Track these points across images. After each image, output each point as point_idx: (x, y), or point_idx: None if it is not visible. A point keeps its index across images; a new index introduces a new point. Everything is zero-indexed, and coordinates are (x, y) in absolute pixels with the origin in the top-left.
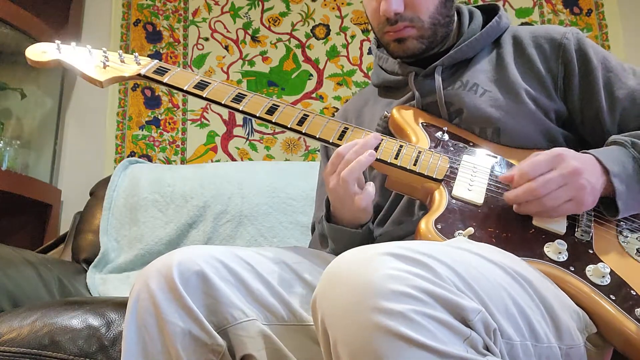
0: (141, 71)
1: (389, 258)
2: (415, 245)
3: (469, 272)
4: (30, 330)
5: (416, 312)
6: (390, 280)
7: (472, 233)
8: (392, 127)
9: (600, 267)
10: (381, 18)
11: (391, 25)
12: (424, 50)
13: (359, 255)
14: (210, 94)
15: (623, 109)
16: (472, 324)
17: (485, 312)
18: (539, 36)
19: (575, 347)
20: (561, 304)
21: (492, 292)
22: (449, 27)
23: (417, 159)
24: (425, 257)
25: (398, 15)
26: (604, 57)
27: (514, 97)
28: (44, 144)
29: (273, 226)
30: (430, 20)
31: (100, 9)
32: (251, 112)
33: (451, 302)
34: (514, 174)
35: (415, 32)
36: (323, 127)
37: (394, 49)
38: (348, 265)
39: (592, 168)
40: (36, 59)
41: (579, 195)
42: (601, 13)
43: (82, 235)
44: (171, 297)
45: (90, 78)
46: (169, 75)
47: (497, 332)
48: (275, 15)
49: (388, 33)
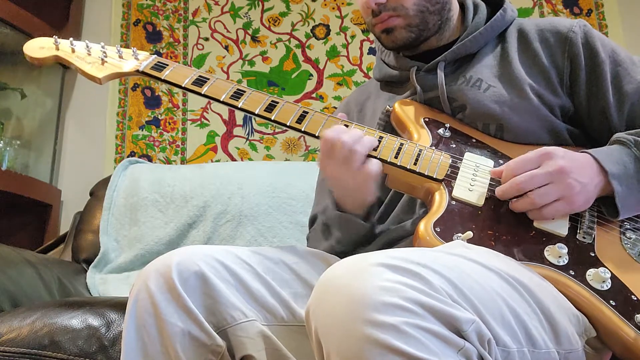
0: (139, 67)
1: (382, 269)
2: (409, 254)
3: (464, 280)
4: (30, 330)
5: (408, 324)
6: (383, 292)
7: (471, 237)
8: (394, 121)
9: (601, 272)
10: (368, 11)
11: (375, 16)
12: (415, 39)
13: (352, 266)
14: (209, 90)
15: (631, 104)
16: (466, 334)
17: (479, 322)
18: (544, 29)
19: (574, 352)
20: (560, 308)
21: (488, 300)
22: (441, 15)
23: (417, 158)
24: (418, 267)
25: (381, 5)
26: (612, 50)
27: (518, 92)
28: (44, 144)
29: (273, 226)
30: (416, 8)
31: (100, 9)
32: (250, 109)
33: (444, 313)
34: (503, 169)
35: (401, 21)
36: (322, 124)
37: (384, 40)
38: (341, 276)
39: (584, 168)
40: (34, 55)
41: (567, 194)
42: (601, 13)
43: (82, 235)
44: (170, 298)
45: (88, 75)
46: (167, 71)
47: (492, 341)
48: (275, 15)
49: (376, 25)
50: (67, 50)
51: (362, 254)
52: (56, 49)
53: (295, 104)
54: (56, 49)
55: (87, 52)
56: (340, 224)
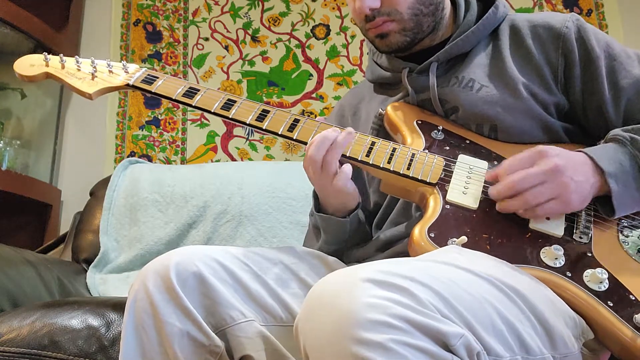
0: (129, 81)
1: (369, 285)
2: (397, 268)
3: (453, 291)
4: (30, 330)
5: (395, 341)
6: (370, 309)
7: (465, 242)
8: (387, 125)
9: (598, 273)
10: (361, 16)
11: (369, 21)
12: (409, 42)
13: (340, 281)
14: (200, 101)
15: (628, 99)
16: (454, 348)
17: (468, 335)
18: (537, 25)
19: (570, 355)
20: (555, 311)
21: (478, 309)
22: (435, 16)
23: (410, 162)
24: (406, 280)
25: (375, 10)
26: (607, 45)
27: (512, 92)
28: (44, 144)
29: (273, 226)
30: (411, 12)
31: (100, 9)
32: (241, 119)
33: (431, 329)
34: (498, 171)
35: (395, 26)
36: (314, 132)
37: (379, 44)
38: (329, 291)
39: (580, 167)
40: (24, 73)
41: (562, 193)
42: (601, 13)
43: (82, 235)
44: (168, 298)
45: (78, 90)
46: (157, 84)
47: (482, 354)
48: (275, 15)
49: (370, 30)
50: (57, 67)
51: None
52: (46, 66)
53: (286, 111)
54: (46, 66)
55: (77, 67)
56: (322, 226)
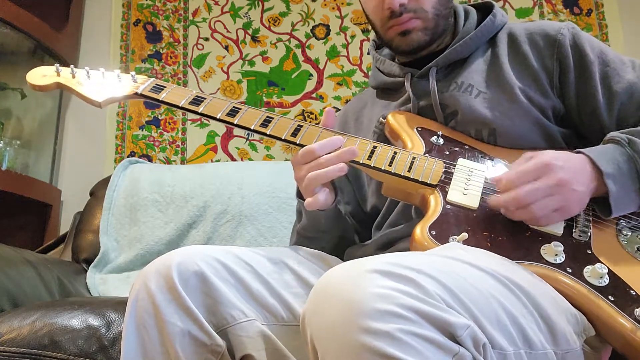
0: (138, 90)
1: (376, 275)
2: (403, 260)
3: (459, 284)
4: (30, 330)
5: (403, 331)
6: (377, 299)
7: (466, 238)
8: (388, 132)
9: (598, 268)
10: (384, 12)
11: (396, 17)
12: (428, 42)
13: (347, 272)
14: (206, 109)
15: (621, 103)
16: (460, 339)
17: (474, 326)
18: (533, 32)
19: (571, 351)
20: (557, 308)
21: (483, 303)
22: (448, 20)
23: (411, 165)
24: (413, 272)
25: (402, 6)
26: (601, 51)
27: (509, 96)
28: (44, 144)
29: (273, 226)
30: (434, 11)
31: (100, 9)
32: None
33: (439, 319)
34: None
35: (420, 24)
36: (317, 138)
37: (399, 43)
38: (336, 282)
39: (582, 174)
40: (37, 83)
41: (566, 205)
42: (601, 13)
43: (82, 235)
44: (170, 298)
45: (88, 99)
46: (165, 93)
47: (487, 345)
48: (275, 15)
49: (392, 27)
50: (68, 77)
51: (357, 259)
52: (57, 76)
53: (290, 119)
54: (57, 76)
55: (87, 77)
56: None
